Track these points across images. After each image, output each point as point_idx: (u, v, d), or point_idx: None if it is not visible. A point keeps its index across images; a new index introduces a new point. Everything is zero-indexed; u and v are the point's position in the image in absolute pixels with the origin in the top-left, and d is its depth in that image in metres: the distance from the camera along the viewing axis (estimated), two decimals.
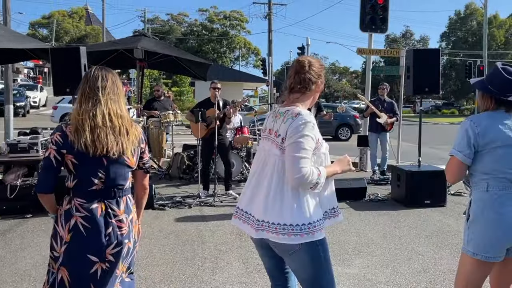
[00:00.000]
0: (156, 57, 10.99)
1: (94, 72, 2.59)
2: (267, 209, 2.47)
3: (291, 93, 2.61)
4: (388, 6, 10.69)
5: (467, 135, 2.75)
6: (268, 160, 2.56)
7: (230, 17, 58.71)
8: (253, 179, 2.63)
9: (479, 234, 2.75)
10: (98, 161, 2.49)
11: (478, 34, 51.05)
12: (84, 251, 2.47)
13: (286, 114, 2.52)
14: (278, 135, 2.51)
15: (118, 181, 2.57)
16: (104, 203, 2.54)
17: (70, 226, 2.50)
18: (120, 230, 2.55)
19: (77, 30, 65.78)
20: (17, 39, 8.40)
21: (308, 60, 2.62)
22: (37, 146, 6.92)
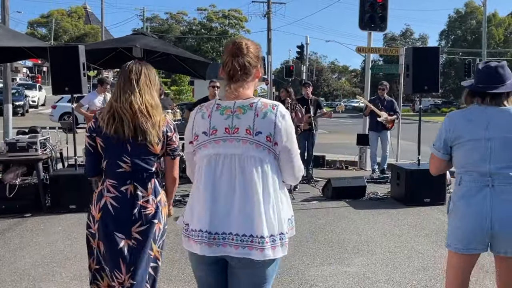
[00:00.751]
0: (155, 56, 10.95)
1: (129, 66, 2.79)
2: (268, 221, 2.13)
3: (233, 83, 2.22)
4: (387, 5, 10.68)
5: (441, 130, 2.88)
6: (245, 165, 2.14)
7: (229, 16, 58.67)
8: (218, 191, 2.16)
9: (451, 226, 2.87)
10: (122, 146, 2.69)
11: (477, 32, 51.05)
12: (112, 228, 2.70)
13: (254, 107, 2.16)
14: (257, 133, 2.13)
15: (143, 165, 2.75)
16: (133, 185, 2.73)
17: (100, 205, 2.72)
18: (145, 210, 2.73)
19: (76, 29, 65.67)
20: (15, 38, 8.37)
21: (245, 42, 2.25)
22: (36, 145, 6.91)
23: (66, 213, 6.67)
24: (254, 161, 2.14)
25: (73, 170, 7.21)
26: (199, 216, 2.18)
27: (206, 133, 2.19)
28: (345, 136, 18.96)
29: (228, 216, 2.13)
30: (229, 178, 2.15)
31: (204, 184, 2.18)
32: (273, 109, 2.16)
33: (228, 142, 2.15)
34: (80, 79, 6.94)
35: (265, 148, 2.15)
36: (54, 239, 5.64)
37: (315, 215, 6.76)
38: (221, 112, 2.19)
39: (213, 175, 2.17)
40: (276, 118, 2.15)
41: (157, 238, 2.81)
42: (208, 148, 2.19)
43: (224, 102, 2.22)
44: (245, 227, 2.11)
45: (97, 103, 9.10)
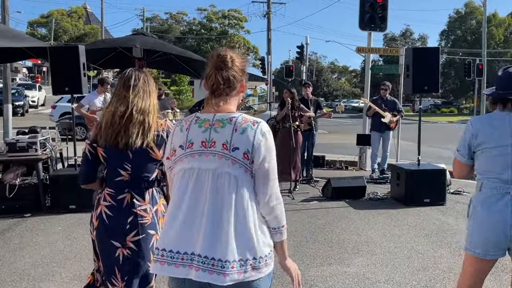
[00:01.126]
0: (155, 56, 10.95)
1: (128, 73, 2.80)
2: (238, 244, 1.96)
3: (215, 97, 2.09)
4: (387, 5, 10.68)
5: (465, 135, 2.89)
6: (218, 181, 1.99)
7: (229, 16, 58.65)
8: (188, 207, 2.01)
9: (471, 231, 2.88)
10: (123, 153, 2.69)
11: (477, 32, 51.03)
12: (108, 236, 2.70)
13: (234, 122, 2.03)
14: (234, 149, 1.98)
15: (143, 172, 2.73)
16: (130, 194, 2.71)
17: (97, 213, 2.74)
18: (142, 219, 2.69)
19: (76, 29, 65.66)
20: (16, 38, 8.37)
21: (230, 55, 2.11)
22: (36, 145, 6.91)
23: (66, 213, 6.67)
24: (229, 178, 1.99)
25: (73, 170, 7.20)
26: (170, 235, 2.03)
27: (182, 146, 2.07)
28: (345, 136, 18.97)
29: (195, 235, 1.98)
30: (201, 194, 2.00)
31: (176, 200, 2.06)
32: (253, 125, 2.02)
33: (204, 156, 2.02)
34: (80, 79, 6.94)
35: (242, 165, 2.00)
36: (54, 239, 5.63)
37: (315, 215, 6.76)
38: (199, 125, 2.07)
39: (184, 190, 2.03)
40: (256, 134, 2.01)
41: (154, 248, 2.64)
42: (184, 163, 2.05)
43: (204, 115, 2.09)
44: (208, 249, 1.95)
45: (97, 103, 9.10)
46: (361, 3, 10.54)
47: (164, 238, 2.05)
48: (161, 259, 2.02)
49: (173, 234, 2.02)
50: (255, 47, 61.69)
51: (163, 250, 2.02)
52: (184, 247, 1.98)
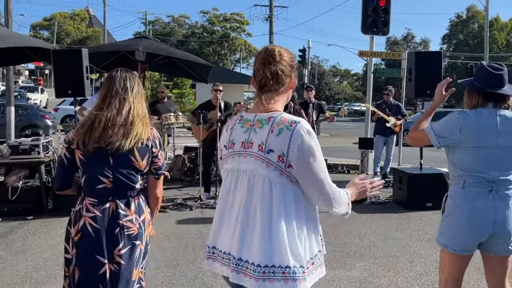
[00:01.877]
0: (157, 59, 10.98)
1: (121, 74, 2.63)
2: (273, 251, 1.90)
3: (263, 93, 2.03)
4: (390, 9, 10.68)
5: (450, 125, 2.84)
6: (253, 183, 1.96)
7: (231, 19, 58.75)
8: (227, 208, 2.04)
9: (451, 227, 2.88)
10: (103, 159, 2.50)
11: (479, 36, 51.06)
12: (92, 251, 2.47)
13: (272, 122, 1.97)
14: (269, 151, 1.92)
15: (126, 181, 2.55)
16: (115, 203, 2.53)
17: (79, 226, 2.51)
18: (128, 230, 2.53)
19: (79, 32, 65.88)
20: (19, 40, 8.39)
21: (278, 49, 2.04)
22: (38, 148, 6.92)
23: (68, 216, 6.64)
24: (262, 180, 1.94)
25: None
26: (212, 232, 2.12)
27: (226, 146, 2.08)
28: (347, 140, 18.97)
29: (231, 235, 2.00)
30: (238, 196, 2.00)
31: (222, 201, 2.09)
32: (290, 126, 1.93)
33: (242, 157, 2.00)
34: (83, 82, 6.97)
35: (276, 168, 1.93)
36: (56, 241, 5.64)
37: None
38: (242, 124, 2.05)
39: (227, 191, 2.06)
40: (292, 136, 1.91)
41: (140, 260, 2.60)
42: (227, 163, 2.07)
43: (247, 115, 2.07)
44: (241, 251, 1.95)
45: None
46: (363, 7, 10.54)
47: (216, 237, 2.08)
48: (213, 256, 2.09)
49: (213, 231, 2.09)
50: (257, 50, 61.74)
51: (213, 248, 2.08)
52: (225, 247, 2.02)
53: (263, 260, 1.90)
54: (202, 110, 7.86)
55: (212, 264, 2.09)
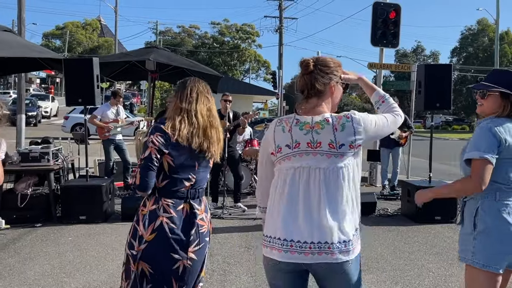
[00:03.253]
0: (168, 69, 11.05)
1: (201, 84, 2.85)
2: (332, 229, 2.18)
3: (306, 98, 2.31)
4: (400, 21, 10.70)
5: (493, 138, 2.60)
6: (330, 177, 2.20)
7: (241, 30, 59.06)
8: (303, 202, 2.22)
9: (491, 244, 2.63)
10: (192, 162, 2.66)
11: (489, 50, 50.94)
12: (168, 250, 2.59)
13: (331, 122, 2.23)
14: (341, 145, 2.20)
15: (202, 182, 2.74)
16: (189, 204, 2.67)
17: (154, 226, 2.58)
18: (201, 228, 2.69)
19: (90, 41, 66.52)
20: (31, 50, 8.49)
21: (313, 59, 2.30)
22: (48, 155, 6.97)
23: (76, 224, 6.71)
24: (339, 171, 2.21)
25: (84, 181, 7.26)
26: (283, 226, 2.22)
27: (289, 146, 2.26)
28: None
29: (312, 226, 2.19)
30: (314, 190, 2.21)
31: (289, 196, 2.24)
32: (348, 118, 2.24)
33: (312, 156, 2.22)
34: (94, 91, 7.01)
35: (349, 155, 2.23)
36: (64, 249, 5.66)
37: None
38: (300, 127, 2.25)
39: (298, 187, 2.23)
40: (353, 125, 2.23)
41: (206, 254, 2.79)
42: (292, 161, 2.26)
43: (302, 118, 2.28)
44: (326, 235, 2.18)
45: (109, 115, 9.18)
46: (373, 19, 10.57)
47: (282, 228, 2.22)
48: (291, 249, 2.20)
49: (291, 225, 2.21)
50: (266, 61, 61.97)
51: (291, 241, 2.20)
52: (314, 237, 2.18)
53: (345, 236, 2.21)
54: None
55: (290, 256, 2.20)
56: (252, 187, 9.61)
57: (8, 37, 7.95)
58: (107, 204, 7.08)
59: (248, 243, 6.08)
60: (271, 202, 2.34)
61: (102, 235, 6.21)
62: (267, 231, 2.31)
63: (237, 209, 7.88)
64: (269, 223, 2.31)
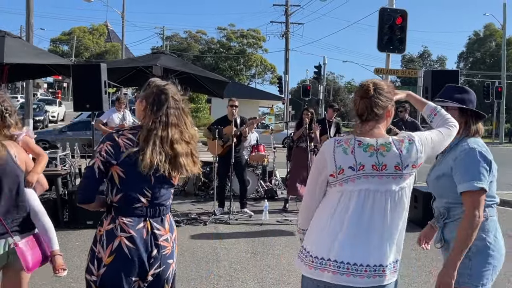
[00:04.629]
0: (174, 74, 11.10)
1: (171, 89, 2.57)
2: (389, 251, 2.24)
3: (362, 122, 2.30)
4: (406, 27, 10.69)
5: (486, 163, 2.58)
6: (396, 199, 2.23)
7: (247, 36, 59.19)
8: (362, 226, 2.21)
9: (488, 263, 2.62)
10: (146, 177, 2.38)
11: (496, 55, 50.75)
12: (127, 273, 2.36)
13: (395, 145, 2.24)
14: (405, 167, 2.22)
15: (162, 199, 2.47)
16: (149, 222, 2.42)
17: (113, 247, 2.35)
18: (164, 250, 2.46)
19: (97, 46, 66.90)
20: (39, 55, 8.56)
21: (373, 83, 2.31)
22: (55, 160, 7.00)
23: (83, 229, 6.73)
24: (402, 193, 2.25)
25: None
26: (350, 249, 2.19)
27: (353, 168, 2.22)
28: None
29: (370, 249, 2.20)
30: (379, 212, 2.21)
31: (353, 218, 2.21)
32: (409, 141, 2.26)
33: (377, 178, 2.21)
34: (101, 97, 7.06)
35: (411, 175, 2.28)
36: (71, 254, 5.67)
37: None
38: (364, 149, 2.24)
39: (363, 210, 2.21)
40: (416, 147, 2.25)
41: (169, 278, 2.54)
42: (356, 183, 2.22)
43: (365, 140, 2.26)
44: (382, 258, 2.21)
45: (115, 120, 9.22)
46: (380, 25, 10.57)
47: (345, 251, 2.20)
48: (347, 272, 2.18)
49: (359, 248, 2.20)
50: (272, 66, 62.07)
51: (348, 264, 2.19)
52: (371, 260, 2.20)
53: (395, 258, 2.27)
54: (218, 125, 7.91)
55: (346, 279, 2.18)
56: (258, 192, 9.61)
57: (17, 44, 8.02)
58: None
59: (255, 248, 6.08)
60: (321, 222, 2.29)
61: None
62: (316, 252, 2.24)
63: (243, 215, 7.88)
64: (320, 243, 2.25)
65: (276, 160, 10.58)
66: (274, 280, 4.94)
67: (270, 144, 10.92)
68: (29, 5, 11.44)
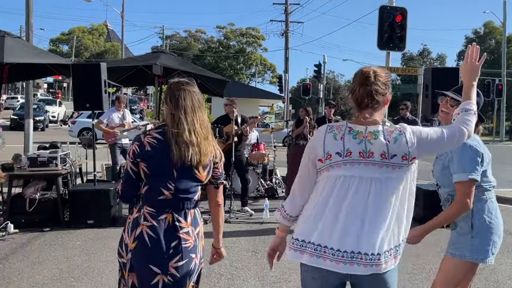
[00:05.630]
0: (174, 73, 11.10)
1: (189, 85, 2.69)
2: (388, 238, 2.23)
3: (360, 109, 2.28)
4: (406, 25, 10.68)
5: (477, 155, 2.85)
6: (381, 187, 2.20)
7: (247, 34, 59.19)
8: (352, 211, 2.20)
9: (489, 240, 2.93)
10: (169, 171, 2.49)
11: (496, 52, 50.71)
12: (147, 261, 2.46)
13: (383, 133, 2.23)
14: (392, 156, 2.19)
15: (187, 193, 2.55)
16: (172, 215, 2.51)
17: (135, 234, 2.49)
18: (186, 243, 2.51)
19: (97, 46, 66.90)
20: (39, 55, 8.56)
21: (373, 71, 2.29)
22: (56, 160, 7.00)
23: (84, 228, 6.73)
24: (390, 182, 2.21)
25: (92, 186, 7.29)
26: (329, 234, 2.21)
27: (340, 154, 2.23)
28: None
29: (359, 236, 2.18)
30: (364, 199, 2.19)
31: (336, 203, 2.22)
32: (400, 132, 2.24)
33: (364, 165, 2.20)
34: (101, 96, 7.05)
35: (401, 167, 2.21)
36: (72, 253, 5.68)
37: None
38: (353, 136, 2.24)
39: (345, 195, 2.21)
40: (406, 137, 2.22)
41: (193, 273, 2.58)
42: (342, 169, 2.22)
43: (356, 127, 2.26)
44: (374, 247, 2.18)
45: (115, 119, 9.23)
46: (379, 23, 10.56)
47: (324, 235, 2.22)
48: (324, 255, 2.21)
49: (336, 234, 2.20)
50: (272, 65, 62.11)
51: (325, 247, 2.21)
52: (346, 246, 2.18)
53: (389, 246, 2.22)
54: (219, 123, 7.92)
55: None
56: (259, 191, 9.62)
57: (17, 44, 8.02)
58: (115, 209, 7.10)
59: (256, 247, 6.08)
60: (313, 209, 2.29)
61: (110, 239, 6.23)
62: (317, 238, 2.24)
63: (244, 213, 7.88)
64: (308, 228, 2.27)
65: (277, 158, 10.59)
66: (275, 278, 4.95)
67: (271, 143, 10.92)
68: (29, 5, 11.41)
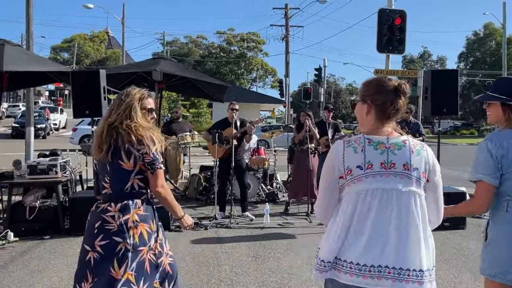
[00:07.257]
0: (175, 79, 11.11)
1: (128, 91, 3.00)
2: (426, 255, 2.18)
3: (387, 120, 2.26)
4: (406, 27, 10.68)
5: (492, 157, 2.61)
6: (403, 199, 2.15)
7: (247, 39, 59.28)
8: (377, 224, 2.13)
9: (498, 255, 2.63)
10: (104, 166, 2.86)
11: (496, 54, 50.69)
12: (83, 241, 2.88)
13: (408, 145, 2.21)
14: (414, 169, 2.17)
15: (119, 184, 2.83)
16: (108, 203, 2.84)
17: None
18: (108, 225, 2.78)
19: (98, 53, 67.06)
20: (38, 62, 8.58)
21: (403, 83, 2.28)
22: (56, 167, 7.00)
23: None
24: (413, 196, 2.17)
25: (92, 193, 7.27)
26: (354, 249, 2.14)
27: (361, 167, 2.17)
28: None
29: (385, 250, 2.12)
30: (388, 212, 2.14)
31: (361, 217, 2.15)
32: (423, 147, 2.24)
33: (385, 177, 2.16)
34: (101, 103, 7.05)
35: (421, 183, 2.19)
36: (73, 261, 5.65)
37: None
38: (374, 147, 2.19)
39: (368, 208, 2.15)
40: (429, 156, 2.23)
41: (125, 260, 2.72)
42: (365, 183, 2.16)
43: (374, 137, 2.22)
44: (402, 261, 2.11)
45: None
46: (379, 25, 10.56)
47: (350, 252, 2.15)
48: (350, 271, 2.13)
49: (361, 249, 2.13)
50: (273, 69, 62.17)
51: (350, 263, 2.13)
52: (372, 261, 2.11)
53: (425, 264, 2.15)
54: (218, 128, 7.91)
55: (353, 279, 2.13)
56: (259, 195, 9.60)
57: (16, 52, 8.03)
58: None
59: (256, 252, 6.06)
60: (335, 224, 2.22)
61: None
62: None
63: (244, 218, 7.86)
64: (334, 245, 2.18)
65: (277, 163, 10.57)
66: (275, 284, 4.93)
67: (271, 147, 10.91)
68: (29, 13, 11.44)
